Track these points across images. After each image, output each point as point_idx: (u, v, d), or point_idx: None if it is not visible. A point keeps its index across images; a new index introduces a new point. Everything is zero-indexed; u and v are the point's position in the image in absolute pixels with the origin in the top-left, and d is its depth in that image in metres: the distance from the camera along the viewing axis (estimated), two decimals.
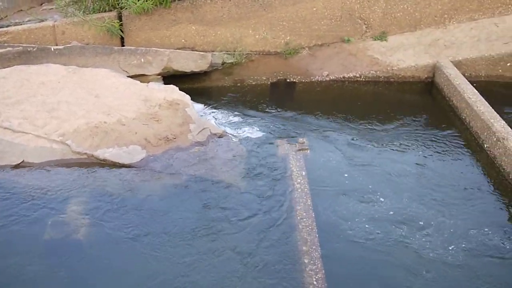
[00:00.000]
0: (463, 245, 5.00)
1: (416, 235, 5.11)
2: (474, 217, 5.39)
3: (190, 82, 8.10)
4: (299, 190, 5.52)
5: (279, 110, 7.45)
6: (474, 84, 7.41)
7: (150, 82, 7.56)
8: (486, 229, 5.20)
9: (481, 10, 8.92)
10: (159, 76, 7.99)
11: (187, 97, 7.11)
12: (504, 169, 6.03)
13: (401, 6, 8.70)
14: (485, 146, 6.48)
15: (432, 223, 5.27)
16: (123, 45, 8.44)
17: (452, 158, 6.40)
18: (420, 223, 5.27)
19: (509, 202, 5.64)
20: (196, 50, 8.47)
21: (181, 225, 5.18)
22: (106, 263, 4.78)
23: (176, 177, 5.87)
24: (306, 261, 4.61)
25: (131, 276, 4.65)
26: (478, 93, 7.11)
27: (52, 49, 7.93)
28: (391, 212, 5.42)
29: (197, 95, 7.60)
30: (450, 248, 4.97)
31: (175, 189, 5.70)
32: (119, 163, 6.01)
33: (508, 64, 8.14)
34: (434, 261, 4.81)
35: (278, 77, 8.26)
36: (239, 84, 8.13)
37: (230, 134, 6.73)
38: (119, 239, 5.01)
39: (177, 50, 8.23)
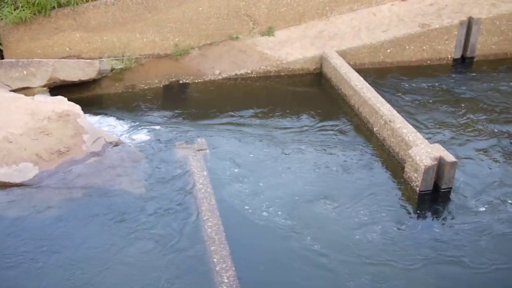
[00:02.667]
0: (358, 219, 5.26)
1: (316, 222, 5.30)
2: (368, 196, 5.68)
3: (79, 92, 7.80)
4: (202, 191, 5.51)
5: (174, 112, 7.38)
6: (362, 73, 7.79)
7: (36, 95, 7.21)
8: (383, 204, 5.52)
9: (360, 1, 9.37)
10: (45, 88, 7.63)
11: (77, 107, 6.86)
12: (393, 149, 6.38)
13: (285, 1, 8.93)
14: (375, 129, 6.81)
15: (331, 204, 5.50)
16: (2, 58, 7.96)
17: (345, 143, 6.68)
18: (320, 206, 5.48)
19: (399, 179, 5.98)
20: (83, 58, 8.17)
21: (80, 242, 5.00)
22: None
23: (72, 191, 5.64)
24: (215, 260, 4.61)
25: None
26: (364, 80, 7.46)
27: None
28: (292, 202, 5.58)
29: (88, 104, 7.34)
30: (351, 223, 5.21)
31: (72, 204, 5.47)
32: (10, 183, 5.68)
33: (388, 51, 8.61)
34: (334, 239, 5.02)
35: (171, 79, 8.18)
36: (131, 90, 7.95)
37: (126, 141, 6.57)
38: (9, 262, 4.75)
39: (62, 60, 7.90)
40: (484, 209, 5.48)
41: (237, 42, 8.81)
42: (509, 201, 5.59)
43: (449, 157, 5.65)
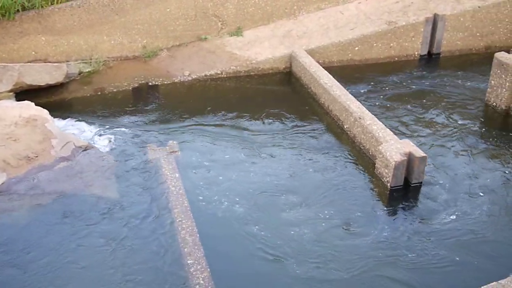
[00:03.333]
0: (329, 216, 5.31)
1: (286, 220, 5.33)
2: (339, 192, 5.73)
3: (47, 96, 7.67)
4: (174, 193, 5.47)
5: (144, 115, 7.32)
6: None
7: (1, 100, 7.06)
8: (353, 197, 5.58)
9: (327, 0, 9.44)
10: (11, 93, 7.48)
11: (45, 111, 6.73)
12: (364, 146, 6.44)
13: (253, 1, 8.94)
14: (345, 127, 6.87)
15: (302, 201, 5.53)
16: None
17: (316, 141, 6.72)
18: (291, 203, 5.50)
19: (370, 175, 6.05)
20: (50, 62, 8.04)
21: (51, 248, 4.92)
22: None
23: (42, 197, 5.54)
24: (190, 262, 4.59)
25: None
26: (333, 78, 7.52)
27: None
28: (264, 201, 5.59)
29: (56, 109, 7.23)
30: (320, 220, 5.25)
31: (42, 211, 5.38)
32: None
33: (356, 48, 8.70)
34: (301, 236, 5.05)
35: (140, 82, 8.11)
36: (99, 93, 7.85)
37: (96, 145, 6.49)
38: None
39: (29, 64, 7.77)
40: (453, 202, 5.58)
41: (206, 43, 8.79)
42: (479, 193, 5.70)
43: (419, 152, 5.74)
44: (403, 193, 5.78)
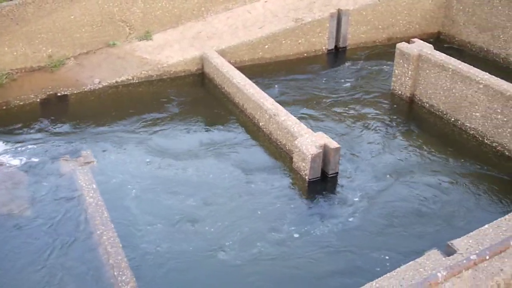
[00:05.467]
0: (248, 212, 5.38)
1: (207, 219, 5.35)
2: (258, 188, 5.81)
3: None
4: (93, 204, 5.33)
5: (55, 126, 7.06)
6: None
7: None
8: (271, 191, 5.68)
9: (234, 0, 9.51)
10: None
11: None
12: (280, 141, 6.56)
13: (159, 4, 8.85)
14: (261, 124, 6.96)
15: (220, 199, 5.57)
16: None
17: (233, 139, 6.77)
18: (211, 202, 5.53)
19: (289, 169, 6.17)
20: None
21: None
22: None
23: None
24: (115, 273, 4.49)
25: None
26: (246, 77, 7.59)
27: None
28: (181, 203, 5.58)
29: None
30: (243, 215, 5.32)
31: None
32: None
33: (266, 46, 8.83)
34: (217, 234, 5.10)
35: (48, 93, 7.80)
36: (4, 107, 7.47)
37: (5, 161, 6.19)
38: None
39: None
40: (367, 187, 5.82)
41: (114, 49, 8.61)
42: (387, 176, 5.98)
43: (333, 144, 5.92)
44: (321, 184, 5.95)
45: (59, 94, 7.83)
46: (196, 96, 7.98)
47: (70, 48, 8.41)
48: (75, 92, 7.88)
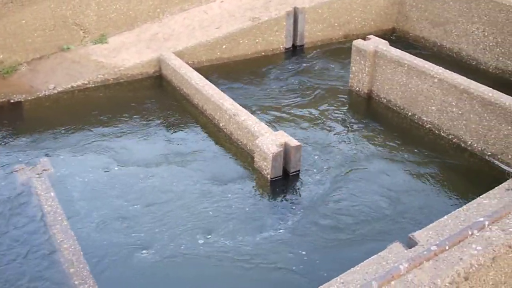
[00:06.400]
0: (209, 214, 5.36)
1: (169, 221, 5.31)
2: (220, 189, 5.79)
3: None
4: (52, 213, 5.20)
5: (8, 135, 6.86)
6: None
7: None
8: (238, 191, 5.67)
9: (190, 0, 9.45)
10: None
11: None
12: (241, 141, 6.55)
13: (114, 7, 8.72)
14: (221, 125, 6.94)
15: (184, 203, 5.53)
16: None
17: (193, 141, 6.73)
18: (171, 205, 5.48)
19: (251, 169, 6.17)
20: None
21: None
22: None
23: None
24: (77, 282, 4.40)
25: None
26: (204, 78, 7.55)
27: None
28: (144, 208, 5.51)
29: None
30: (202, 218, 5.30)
31: None
32: None
33: (224, 47, 8.80)
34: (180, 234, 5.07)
35: (0, 100, 7.58)
36: None
37: None
38: None
39: None
40: (328, 184, 5.87)
41: (69, 53, 8.43)
42: (349, 172, 6.05)
43: (293, 142, 5.94)
44: (283, 183, 5.96)
45: (12, 101, 7.62)
46: (155, 99, 7.88)
47: (23, 53, 8.20)
48: (29, 98, 7.68)
